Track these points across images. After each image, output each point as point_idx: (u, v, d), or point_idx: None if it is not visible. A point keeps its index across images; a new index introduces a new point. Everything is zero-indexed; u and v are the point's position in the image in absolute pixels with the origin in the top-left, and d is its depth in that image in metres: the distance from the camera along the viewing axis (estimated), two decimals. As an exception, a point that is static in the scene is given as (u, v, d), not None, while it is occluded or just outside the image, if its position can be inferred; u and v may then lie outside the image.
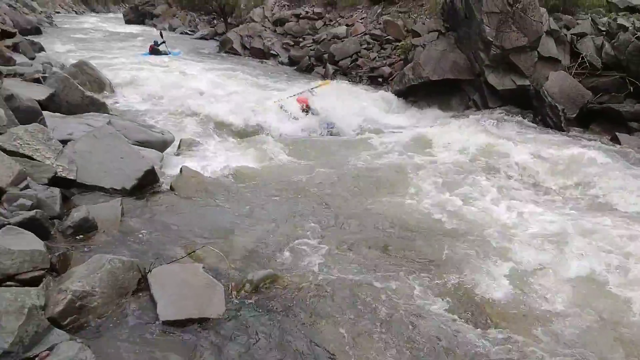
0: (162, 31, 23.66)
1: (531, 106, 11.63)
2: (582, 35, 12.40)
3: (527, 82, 11.59)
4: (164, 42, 19.90)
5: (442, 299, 4.41)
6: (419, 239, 5.61)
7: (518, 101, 11.79)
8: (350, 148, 9.34)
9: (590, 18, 12.87)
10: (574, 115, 10.87)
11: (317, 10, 23.17)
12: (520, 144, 9.24)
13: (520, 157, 8.55)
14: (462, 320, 4.15)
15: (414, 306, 4.23)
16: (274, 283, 4.14)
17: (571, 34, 12.54)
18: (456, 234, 5.79)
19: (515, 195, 7.28)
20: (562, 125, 10.59)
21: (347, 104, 12.42)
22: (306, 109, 11.36)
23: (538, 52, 11.77)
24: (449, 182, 7.46)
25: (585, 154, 8.48)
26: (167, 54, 19.49)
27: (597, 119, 10.95)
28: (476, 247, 5.44)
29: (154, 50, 19.31)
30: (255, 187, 6.74)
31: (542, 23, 11.64)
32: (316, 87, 12.91)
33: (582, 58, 11.80)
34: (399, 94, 13.82)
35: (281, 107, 11.37)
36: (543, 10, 12.10)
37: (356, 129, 11.40)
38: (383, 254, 5.22)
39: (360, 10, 21.56)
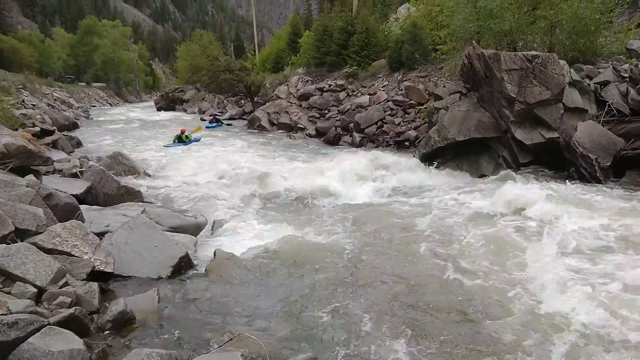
0: (216, 114, 33.39)
1: (564, 158, 11.46)
2: (605, 83, 12.36)
3: (556, 134, 11.48)
4: (220, 116, 32.11)
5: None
6: (470, 320, 5.18)
7: (549, 154, 11.64)
8: (387, 217, 9.17)
9: (611, 66, 12.86)
10: (608, 164, 10.62)
11: (339, 82, 23.90)
12: (560, 202, 8.80)
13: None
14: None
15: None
16: (314, 368, 4.02)
17: (594, 83, 12.50)
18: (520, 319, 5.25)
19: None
20: (598, 175, 10.36)
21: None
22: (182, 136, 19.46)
23: (563, 103, 11.72)
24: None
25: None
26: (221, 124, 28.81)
27: (633, 166, 10.69)
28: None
29: (216, 121, 29.21)
30: (289, 265, 6.66)
31: (563, 75, 11.67)
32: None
33: (609, 105, 11.69)
34: (426, 157, 13.85)
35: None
36: (563, 62, 12.18)
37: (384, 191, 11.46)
38: (435, 340, 4.78)
39: (381, 79, 22.11)
